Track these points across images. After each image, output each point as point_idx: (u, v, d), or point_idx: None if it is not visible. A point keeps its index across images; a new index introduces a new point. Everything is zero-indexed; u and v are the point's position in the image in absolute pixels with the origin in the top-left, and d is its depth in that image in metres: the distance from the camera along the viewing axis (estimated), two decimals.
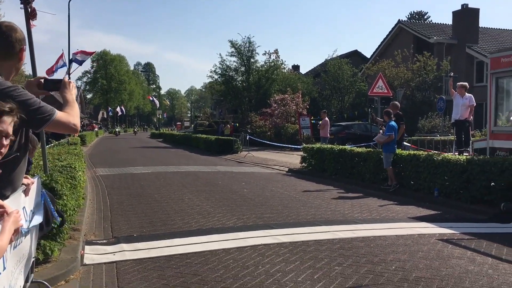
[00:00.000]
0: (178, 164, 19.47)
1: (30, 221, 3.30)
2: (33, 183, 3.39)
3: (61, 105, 3.19)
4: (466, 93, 12.85)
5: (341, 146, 15.23)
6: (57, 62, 20.92)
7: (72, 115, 3.10)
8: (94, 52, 29.57)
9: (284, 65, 44.06)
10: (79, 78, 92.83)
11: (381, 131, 13.34)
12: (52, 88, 3.34)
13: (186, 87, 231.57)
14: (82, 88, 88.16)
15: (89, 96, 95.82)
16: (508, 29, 38.57)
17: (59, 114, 2.99)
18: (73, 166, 7.96)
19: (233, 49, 40.86)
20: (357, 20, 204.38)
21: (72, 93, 3.34)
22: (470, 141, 13.76)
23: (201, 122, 55.29)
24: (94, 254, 6.06)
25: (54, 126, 3.00)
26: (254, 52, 41.07)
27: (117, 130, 69.76)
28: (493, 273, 5.22)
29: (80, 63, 26.00)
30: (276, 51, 42.33)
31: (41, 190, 3.82)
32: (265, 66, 41.30)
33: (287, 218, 8.37)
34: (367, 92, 21.69)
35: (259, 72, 40.87)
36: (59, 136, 17.81)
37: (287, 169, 17.51)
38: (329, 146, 15.93)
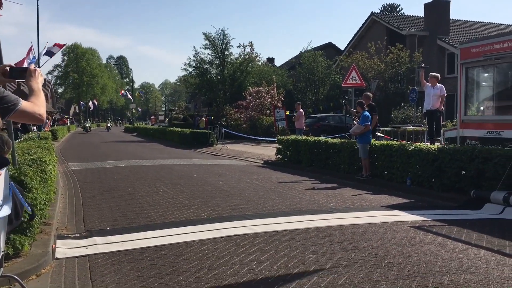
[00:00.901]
0: (153, 158, 19.30)
1: None
2: (0, 175, 3.30)
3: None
4: (437, 83, 13.07)
5: (315, 138, 15.32)
6: (27, 55, 20.38)
7: (38, 105, 3.01)
8: (64, 45, 29.00)
9: (259, 57, 44.07)
10: (49, 72, 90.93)
11: (355, 122, 13.46)
12: (17, 76, 3.24)
13: (160, 80, 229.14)
14: (52, 82, 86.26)
15: (60, 90, 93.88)
16: (478, 21, 39.36)
17: (24, 104, 2.91)
18: (43, 160, 7.78)
19: (207, 42, 40.65)
20: (331, 12, 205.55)
21: (38, 82, 3.25)
22: (441, 131, 14.02)
23: (176, 115, 54.81)
24: (66, 248, 5.95)
25: (19, 116, 2.92)
26: (228, 45, 40.95)
27: (87, 125, 56.54)
28: (463, 257, 5.35)
29: (51, 54, 25.54)
30: (250, 44, 42.27)
31: (9, 182, 3.73)
32: (240, 59, 41.18)
33: (262, 209, 8.39)
34: (342, 84, 21.85)
35: (233, 64, 40.72)
36: (25, 130, 17.34)
37: (262, 161, 17.54)
38: (304, 137, 16.00)
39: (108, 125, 66.30)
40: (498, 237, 6.25)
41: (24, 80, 3.24)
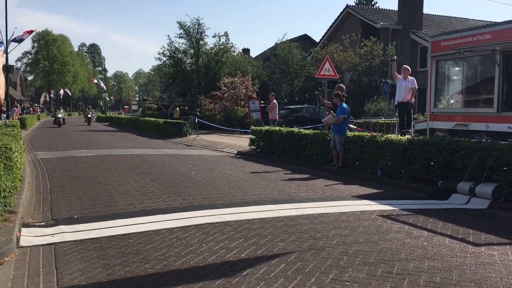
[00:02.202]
0: (125, 147, 19.04)
1: None
2: None
3: None
4: (409, 76, 13.25)
5: (289, 129, 15.36)
6: None
7: None
8: (33, 31, 28.33)
9: (234, 48, 43.69)
10: (19, 59, 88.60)
11: (327, 112, 13.53)
12: None
13: (133, 69, 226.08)
14: (22, 69, 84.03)
15: (30, 78, 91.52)
16: (452, 16, 40.05)
17: None
18: (8, 147, 7.58)
19: (181, 31, 40.14)
20: (307, 3, 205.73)
21: None
22: (412, 123, 14.23)
23: (150, 105, 54.25)
24: (32, 236, 5.82)
25: None
26: (203, 34, 40.52)
27: (59, 115, 39.61)
28: (428, 245, 5.46)
29: (20, 41, 24.96)
30: (226, 34, 41.90)
31: None
32: (215, 49, 40.83)
33: (234, 198, 8.38)
34: (315, 76, 21.95)
35: (208, 54, 40.38)
36: None
37: (236, 151, 17.51)
38: (277, 128, 16.04)
39: (89, 115, 45.83)
40: (462, 226, 6.41)
41: None
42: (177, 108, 34.98)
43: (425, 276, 4.44)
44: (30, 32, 26.30)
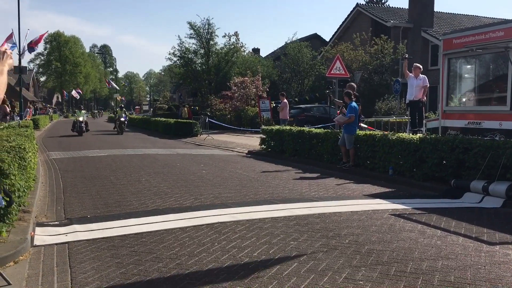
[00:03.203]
0: (136, 147, 19.15)
1: None
2: None
3: None
4: (420, 74, 13.16)
5: (299, 128, 15.33)
6: (6, 40, 20.09)
7: None
8: (45, 33, 28.61)
9: (244, 48, 43.78)
10: (31, 61, 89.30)
11: (338, 111, 13.50)
12: None
13: (144, 70, 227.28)
14: (34, 70, 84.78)
15: (42, 79, 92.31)
16: (462, 14, 39.69)
17: None
18: (22, 147, 7.65)
19: (192, 31, 40.31)
20: (317, 3, 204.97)
21: (4, 64, 3.18)
22: (424, 121, 14.14)
23: (160, 105, 54.38)
24: (45, 236, 5.88)
25: None
26: (213, 34, 40.66)
27: (80, 118, 27.73)
28: (441, 244, 5.42)
29: (33, 48, 25.19)
30: (236, 34, 41.96)
31: None
32: (225, 49, 40.94)
33: (245, 197, 8.39)
34: (326, 74, 21.85)
35: (218, 54, 40.49)
36: None
37: (246, 151, 17.52)
38: (288, 127, 16.02)
39: (123, 118, 30.04)
40: (476, 225, 6.35)
41: None
42: (185, 108, 34.96)
43: (439, 275, 4.41)
44: (41, 37, 26.56)
